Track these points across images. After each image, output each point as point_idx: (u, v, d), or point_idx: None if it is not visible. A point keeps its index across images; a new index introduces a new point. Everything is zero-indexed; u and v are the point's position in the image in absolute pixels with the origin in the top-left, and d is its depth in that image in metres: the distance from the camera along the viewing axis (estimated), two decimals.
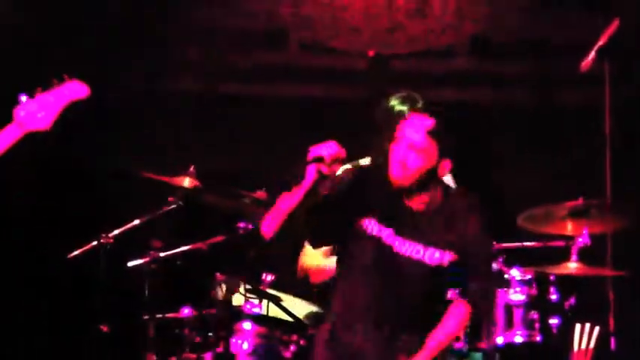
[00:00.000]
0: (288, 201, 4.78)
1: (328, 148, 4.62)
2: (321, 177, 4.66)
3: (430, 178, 4.73)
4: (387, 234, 4.78)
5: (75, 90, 4.93)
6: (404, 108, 5.05)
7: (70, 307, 6.85)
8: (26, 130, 4.84)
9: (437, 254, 4.79)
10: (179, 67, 7.78)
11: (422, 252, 4.77)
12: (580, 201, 5.86)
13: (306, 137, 5.43)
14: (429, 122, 4.71)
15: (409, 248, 4.78)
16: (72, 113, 4.94)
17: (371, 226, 4.78)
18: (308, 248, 6.50)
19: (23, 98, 4.87)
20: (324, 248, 6.30)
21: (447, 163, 4.73)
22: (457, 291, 4.93)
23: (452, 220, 4.87)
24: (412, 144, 4.67)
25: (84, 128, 5.69)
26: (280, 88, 7.68)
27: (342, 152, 4.67)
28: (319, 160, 4.63)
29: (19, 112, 4.83)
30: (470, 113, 7.58)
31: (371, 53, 5.96)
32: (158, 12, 7.69)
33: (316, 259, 6.46)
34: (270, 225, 4.84)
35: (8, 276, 7.00)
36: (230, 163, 7.14)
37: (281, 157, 6.73)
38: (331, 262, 6.19)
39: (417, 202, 4.81)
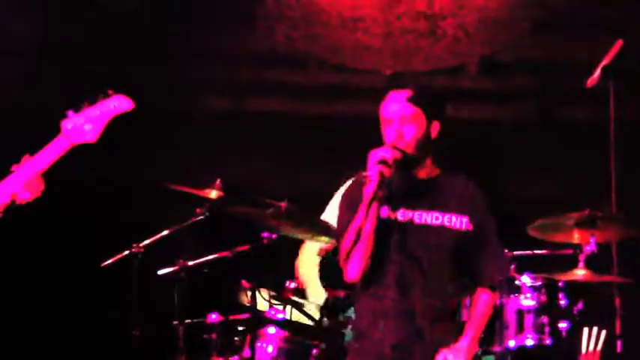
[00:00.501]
0: (357, 223, 4.76)
1: (388, 152, 4.75)
2: (383, 180, 4.72)
3: (427, 143, 4.83)
4: (401, 212, 4.82)
5: (120, 104, 5.02)
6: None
7: (103, 314, 6.90)
8: (73, 142, 4.93)
9: (454, 218, 4.87)
10: (205, 85, 7.62)
11: (440, 218, 4.85)
12: (586, 212, 5.84)
13: (326, 151, 5.70)
14: (406, 92, 4.81)
15: (428, 217, 4.84)
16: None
17: (386, 212, 4.82)
18: (304, 253, 6.76)
19: (70, 112, 4.99)
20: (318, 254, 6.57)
21: (436, 125, 4.83)
22: (477, 278, 5.05)
23: (459, 190, 4.96)
24: (401, 117, 4.79)
25: (119, 144, 5.71)
26: (303, 105, 7.70)
27: (398, 154, 4.77)
28: (384, 162, 4.70)
29: (66, 125, 4.93)
30: (482, 129, 7.66)
31: (388, 72, 5.99)
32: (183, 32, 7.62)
33: (311, 268, 6.72)
34: (356, 267, 4.84)
35: (46, 282, 7.14)
36: (253, 175, 7.18)
37: (302, 169, 6.85)
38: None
39: (423, 172, 4.89)
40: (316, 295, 6.72)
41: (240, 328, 6.30)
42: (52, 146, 4.95)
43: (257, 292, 6.23)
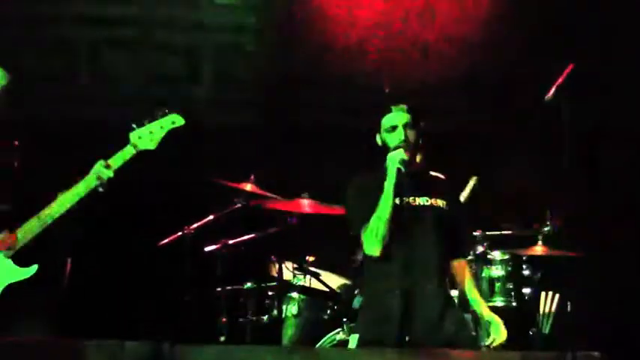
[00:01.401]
0: (384, 207, 5.17)
1: (404, 154, 5.21)
2: (401, 175, 5.17)
3: (419, 144, 5.33)
4: (403, 197, 5.20)
5: (174, 120, 5.52)
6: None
7: (163, 283, 7.05)
8: (138, 149, 5.44)
9: (438, 200, 5.31)
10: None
11: (429, 200, 5.30)
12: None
13: (339, 155, 6.23)
14: (406, 106, 5.28)
15: (421, 199, 5.30)
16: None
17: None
18: None
19: (134, 125, 5.48)
20: None
21: (420, 130, 5.30)
22: (457, 253, 5.38)
23: (439, 181, 5.43)
24: (404, 124, 5.25)
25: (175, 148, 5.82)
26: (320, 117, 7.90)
27: (408, 155, 5.23)
28: (402, 162, 5.16)
29: (134, 137, 5.45)
30: (465, 139, 7.75)
31: (386, 90, 6.29)
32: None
33: None
34: (379, 242, 5.15)
35: (120, 258, 7.27)
36: (281, 172, 7.24)
37: (321, 170, 7.18)
38: None
39: (416, 165, 5.32)
40: None
41: (269, 293, 6.74)
42: (122, 152, 5.43)
43: (283, 265, 6.66)
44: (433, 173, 5.47)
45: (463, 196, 6.25)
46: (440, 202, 5.36)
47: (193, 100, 7.72)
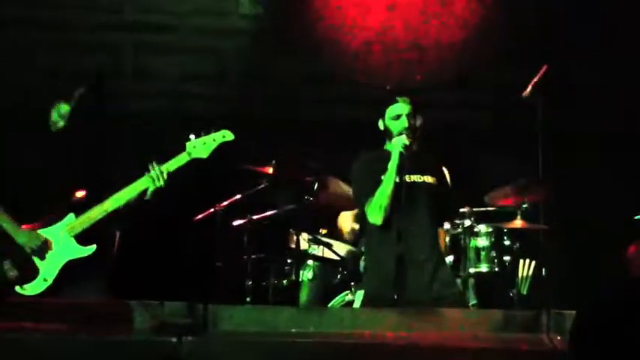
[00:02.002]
0: (388, 183, 5.38)
1: (406, 140, 5.47)
2: (403, 157, 5.41)
3: (417, 130, 5.59)
4: (400, 175, 5.41)
5: (224, 135, 5.78)
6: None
7: (198, 251, 7.16)
8: (192, 157, 5.72)
9: (429, 177, 5.58)
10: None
11: (421, 177, 5.58)
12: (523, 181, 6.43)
13: (350, 144, 6.03)
14: (409, 98, 5.60)
15: (414, 176, 5.55)
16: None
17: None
18: (343, 213, 7.19)
19: (192, 136, 5.74)
20: (354, 213, 6.95)
21: (423, 120, 5.59)
22: (448, 217, 5.70)
23: (431, 159, 5.69)
24: (408, 113, 5.54)
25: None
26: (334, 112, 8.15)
27: (409, 140, 5.46)
28: (404, 146, 5.41)
29: (189, 146, 5.71)
30: (457, 131, 7.99)
31: (388, 88, 6.48)
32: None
33: (348, 222, 7.18)
34: (382, 213, 5.36)
35: (162, 231, 7.40)
36: (297, 158, 7.17)
37: (339, 157, 6.81)
38: (356, 225, 6.96)
39: (413, 147, 5.52)
40: (348, 238, 7.16)
41: (288, 261, 7.05)
42: (178, 158, 5.70)
43: (300, 237, 6.85)
44: (425, 155, 5.70)
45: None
46: (430, 179, 5.60)
47: (220, 96, 7.89)
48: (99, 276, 5.76)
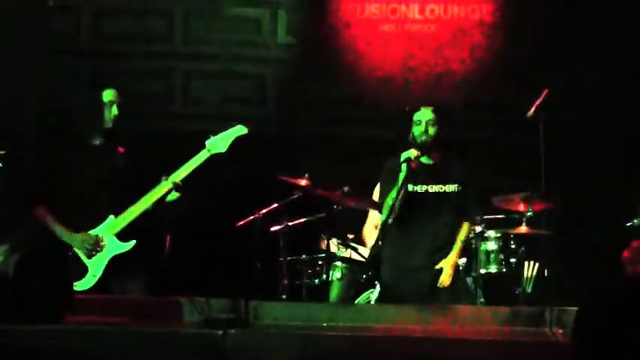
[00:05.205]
0: (394, 191, 5.39)
1: (414, 152, 5.49)
2: (409, 170, 5.43)
3: (438, 139, 5.56)
4: (416, 188, 5.45)
5: (240, 130, 5.67)
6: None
7: (240, 254, 7.02)
8: (212, 153, 5.59)
9: (446, 186, 5.55)
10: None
11: (436, 188, 5.56)
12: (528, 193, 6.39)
13: (371, 159, 6.09)
14: (431, 109, 5.57)
15: (429, 188, 5.57)
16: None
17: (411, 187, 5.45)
18: (367, 222, 7.09)
19: (212, 134, 5.62)
20: (377, 220, 6.65)
21: (442, 132, 5.54)
22: (462, 215, 5.60)
23: (452, 166, 5.61)
24: (427, 120, 5.51)
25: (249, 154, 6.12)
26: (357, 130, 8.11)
27: (417, 152, 5.46)
28: (409, 160, 5.42)
29: (209, 143, 5.59)
30: (470, 145, 7.58)
31: (407, 109, 6.63)
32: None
33: (371, 230, 7.07)
34: (387, 214, 5.36)
35: (208, 236, 7.38)
36: (327, 172, 7.22)
37: (357, 171, 7.14)
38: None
39: (432, 158, 5.53)
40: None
41: (320, 262, 6.94)
42: (198, 156, 5.57)
43: (330, 241, 6.83)
44: (445, 163, 5.62)
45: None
46: (446, 188, 5.54)
47: (261, 117, 7.90)
48: (151, 273, 5.68)
